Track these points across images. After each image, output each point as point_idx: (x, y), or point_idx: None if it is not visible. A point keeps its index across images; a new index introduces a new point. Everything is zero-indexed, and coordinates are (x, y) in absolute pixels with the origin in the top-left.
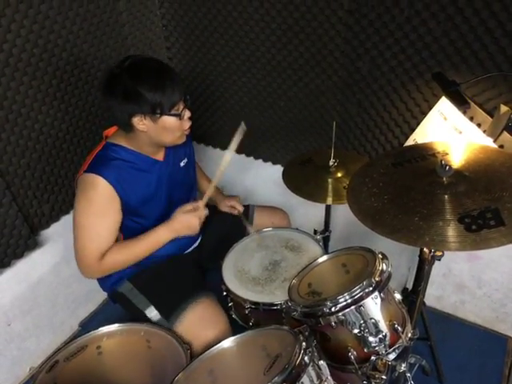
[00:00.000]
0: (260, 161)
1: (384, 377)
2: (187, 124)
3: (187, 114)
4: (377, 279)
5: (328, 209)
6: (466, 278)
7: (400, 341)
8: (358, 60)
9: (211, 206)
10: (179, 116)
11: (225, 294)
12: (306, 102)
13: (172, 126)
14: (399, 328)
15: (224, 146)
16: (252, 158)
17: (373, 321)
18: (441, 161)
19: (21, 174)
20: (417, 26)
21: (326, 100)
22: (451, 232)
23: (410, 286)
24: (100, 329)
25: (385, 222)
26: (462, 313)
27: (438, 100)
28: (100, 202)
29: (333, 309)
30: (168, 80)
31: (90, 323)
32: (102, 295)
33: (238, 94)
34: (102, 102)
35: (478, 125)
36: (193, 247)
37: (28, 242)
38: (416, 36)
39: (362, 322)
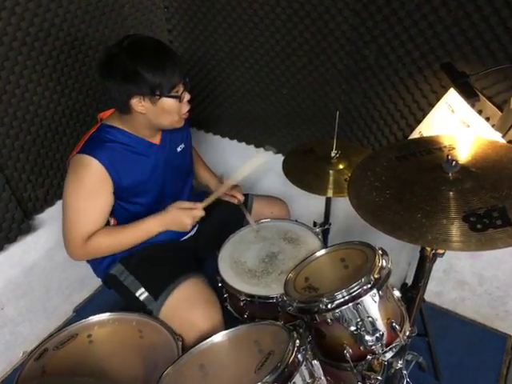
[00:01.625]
0: (260, 149)
1: (379, 377)
2: (186, 107)
3: (187, 96)
4: (376, 276)
5: (328, 201)
6: (467, 275)
7: (397, 340)
8: (365, 48)
9: (203, 194)
10: (179, 98)
11: (220, 285)
12: (310, 91)
13: (171, 109)
14: (397, 326)
15: (224, 133)
16: (252, 146)
17: (370, 319)
18: (447, 156)
19: (15, 156)
20: (427, 13)
21: (330, 89)
22: (455, 231)
23: (409, 281)
24: (91, 317)
25: (386, 219)
26: (461, 309)
27: (446, 92)
28: (91, 184)
29: (329, 305)
30: (168, 61)
31: (85, 309)
32: (96, 281)
33: (239, 80)
34: (100, 83)
35: (487, 119)
36: (189, 235)
37: (21, 227)
38: (426, 24)
39: (358, 319)
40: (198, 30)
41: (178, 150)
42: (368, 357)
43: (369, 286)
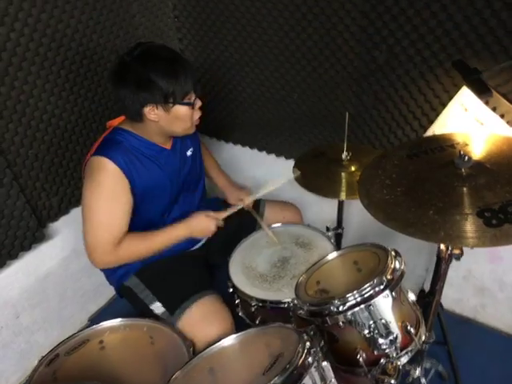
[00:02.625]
0: (272, 156)
1: (393, 381)
2: (198, 114)
3: (198, 103)
4: (388, 277)
5: (341, 204)
6: (486, 281)
7: (413, 344)
8: (375, 49)
9: (218, 200)
10: (192, 105)
11: (231, 290)
12: (320, 94)
13: (184, 116)
14: (412, 330)
15: (236, 140)
16: (264, 152)
17: (383, 321)
18: (460, 151)
19: (29, 165)
20: (436, 11)
21: (340, 92)
22: (469, 227)
23: (427, 288)
24: (102, 323)
25: (397, 216)
26: (482, 317)
27: (459, 90)
28: (110, 185)
29: (340, 308)
30: (181, 68)
31: (99, 318)
32: (111, 290)
33: (250, 86)
34: (113, 91)
35: (502, 115)
36: (201, 243)
37: (36, 235)
38: (435, 22)
39: (371, 322)
40: (207, 38)
41: (188, 153)
42: (382, 360)
43: (381, 287)
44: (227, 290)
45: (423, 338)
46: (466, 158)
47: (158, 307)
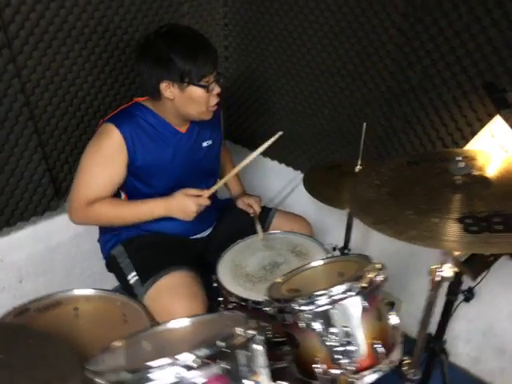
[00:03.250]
0: (299, 172)
1: None
2: (214, 100)
3: (216, 89)
4: (363, 285)
5: (350, 224)
6: (508, 341)
7: (379, 366)
8: (409, 69)
9: (229, 201)
10: (207, 88)
11: (215, 285)
12: (350, 112)
13: (199, 98)
14: (380, 350)
15: (264, 153)
16: (291, 168)
17: (346, 330)
18: (456, 158)
19: (56, 136)
20: (476, 33)
21: (371, 111)
22: (445, 230)
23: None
24: (75, 289)
25: (372, 212)
26: (500, 383)
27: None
28: (107, 150)
29: (303, 307)
30: (201, 51)
31: None
32: None
33: (284, 98)
34: (134, 66)
35: None
36: (199, 235)
37: (51, 203)
38: (474, 45)
39: (333, 328)
40: (251, 48)
41: (204, 144)
42: (335, 371)
43: (352, 292)
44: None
45: (394, 361)
46: (461, 164)
47: (133, 276)
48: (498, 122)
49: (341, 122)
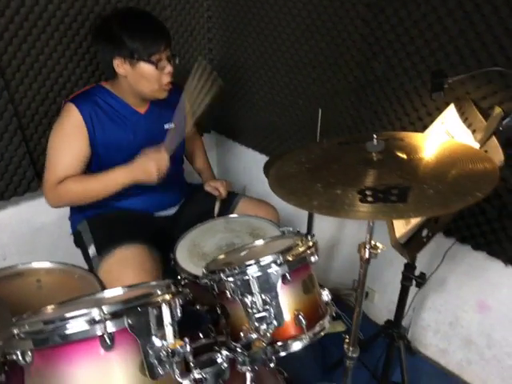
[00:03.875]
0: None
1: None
2: (166, 78)
3: (168, 68)
4: (288, 258)
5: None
6: (474, 333)
7: (303, 336)
8: (374, 59)
9: (198, 185)
10: (155, 65)
11: (172, 263)
12: (322, 102)
13: (149, 75)
14: (303, 321)
15: (245, 142)
16: (265, 155)
17: (265, 298)
18: (372, 135)
19: (37, 120)
20: (433, 23)
21: (340, 101)
22: (343, 200)
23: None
24: (33, 262)
25: (287, 184)
26: (467, 375)
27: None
28: (68, 128)
29: (229, 278)
30: (150, 30)
31: None
32: None
33: (263, 89)
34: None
35: (474, 131)
36: (163, 213)
37: (31, 185)
38: (432, 35)
39: (252, 297)
40: (232, 39)
41: (166, 127)
42: (250, 335)
43: (273, 264)
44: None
45: (316, 333)
46: (376, 141)
47: (92, 249)
48: (449, 110)
49: (313, 112)
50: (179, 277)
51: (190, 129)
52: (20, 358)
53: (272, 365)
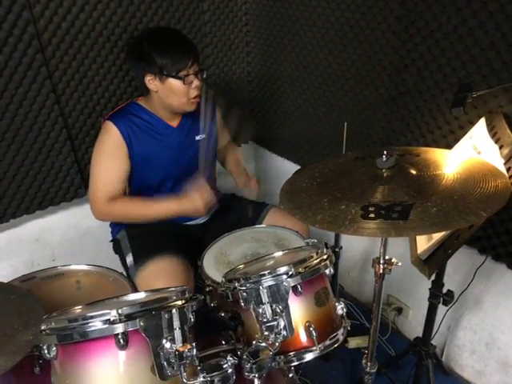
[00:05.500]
0: None
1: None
2: (194, 92)
3: (195, 82)
4: (300, 270)
5: None
6: (511, 355)
7: (313, 347)
8: (405, 72)
9: (229, 195)
10: (183, 80)
11: (199, 271)
12: (354, 114)
13: (177, 90)
14: (314, 333)
15: (280, 153)
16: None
17: (276, 309)
18: (382, 151)
19: (85, 131)
20: (464, 35)
21: (372, 113)
22: (346, 216)
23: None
24: (72, 264)
25: (296, 199)
26: None
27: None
28: (109, 146)
29: (242, 286)
30: (179, 48)
31: None
32: None
33: (297, 100)
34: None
35: (501, 147)
36: (195, 221)
37: (78, 191)
38: (463, 47)
39: (263, 306)
40: (269, 53)
41: (197, 138)
42: (259, 342)
43: (284, 275)
44: None
45: (327, 344)
46: (385, 158)
47: (129, 257)
48: (479, 124)
49: (347, 124)
50: (204, 283)
51: (226, 140)
52: (46, 351)
53: (291, 375)
